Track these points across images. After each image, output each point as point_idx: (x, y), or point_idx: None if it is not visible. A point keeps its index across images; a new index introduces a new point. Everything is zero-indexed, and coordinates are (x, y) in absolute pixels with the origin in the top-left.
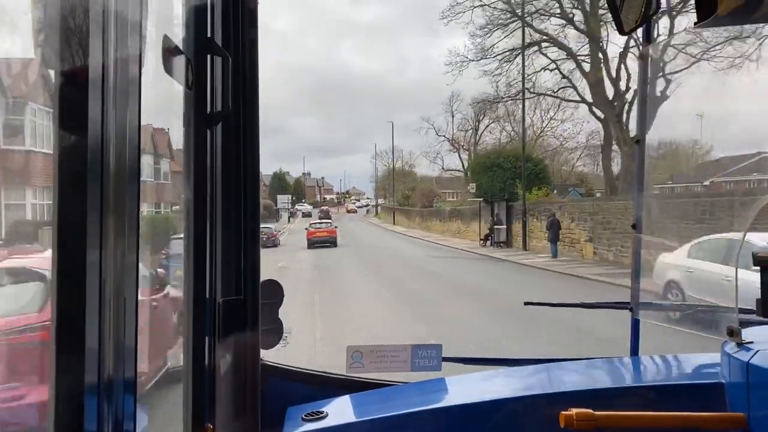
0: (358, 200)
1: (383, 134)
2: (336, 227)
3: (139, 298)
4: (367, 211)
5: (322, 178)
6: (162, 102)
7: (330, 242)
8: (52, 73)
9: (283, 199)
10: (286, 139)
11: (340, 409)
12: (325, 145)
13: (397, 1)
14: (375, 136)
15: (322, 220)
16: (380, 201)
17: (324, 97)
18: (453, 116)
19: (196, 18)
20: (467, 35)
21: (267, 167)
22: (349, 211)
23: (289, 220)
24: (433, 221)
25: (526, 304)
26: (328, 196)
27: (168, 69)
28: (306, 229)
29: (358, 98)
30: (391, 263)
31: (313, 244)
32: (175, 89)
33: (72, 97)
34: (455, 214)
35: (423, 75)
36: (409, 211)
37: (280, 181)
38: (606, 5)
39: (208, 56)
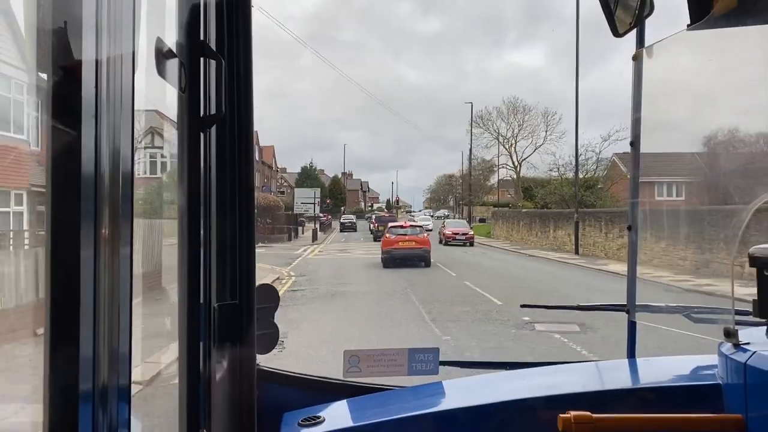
0: (410, 211)
1: (429, 147)
2: (428, 233)
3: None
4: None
5: (367, 182)
6: (155, 104)
7: (419, 258)
8: (44, 76)
9: (306, 197)
10: (333, 153)
11: (337, 414)
12: (372, 159)
13: (459, 14)
14: (423, 151)
15: (408, 223)
16: (444, 211)
17: (374, 110)
18: None
19: (190, 21)
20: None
21: (295, 165)
22: (450, 239)
23: (315, 238)
24: None
25: (523, 306)
26: (375, 205)
27: (161, 72)
28: (383, 237)
29: (410, 111)
30: None
31: (394, 260)
32: (169, 92)
33: (64, 100)
34: None
35: (479, 89)
36: None
37: (309, 180)
38: (600, 8)
39: (202, 59)
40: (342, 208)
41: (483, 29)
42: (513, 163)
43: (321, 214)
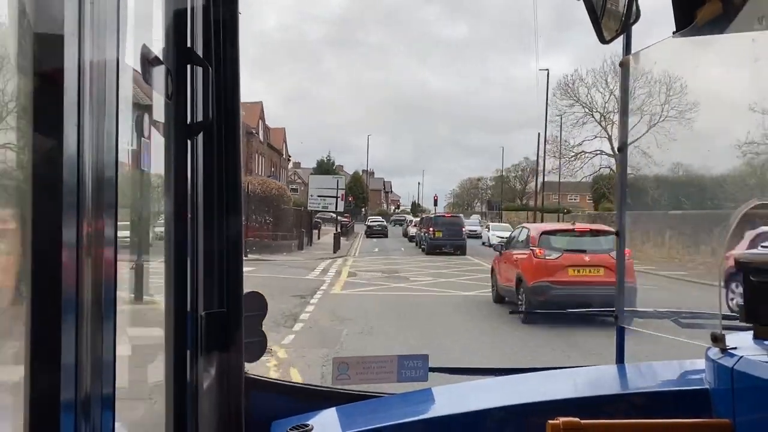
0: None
1: (450, 153)
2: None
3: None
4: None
5: (390, 182)
6: (141, 112)
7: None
8: (26, 82)
9: (325, 187)
10: (353, 156)
11: (326, 422)
12: (391, 164)
13: (486, 19)
14: (441, 157)
15: (581, 226)
16: (477, 217)
17: (395, 115)
18: None
19: (176, 28)
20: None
21: (311, 161)
22: None
23: (337, 247)
24: None
25: (512, 313)
26: (400, 207)
27: (147, 79)
28: (523, 254)
29: (430, 118)
30: None
31: (547, 309)
32: (155, 99)
33: (48, 107)
34: None
35: (502, 95)
36: None
37: (327, 174)
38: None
39: (189, 66)
40: (363, 208)
41: (509, 35)
42: (611, 148)
43: (342, 216)
